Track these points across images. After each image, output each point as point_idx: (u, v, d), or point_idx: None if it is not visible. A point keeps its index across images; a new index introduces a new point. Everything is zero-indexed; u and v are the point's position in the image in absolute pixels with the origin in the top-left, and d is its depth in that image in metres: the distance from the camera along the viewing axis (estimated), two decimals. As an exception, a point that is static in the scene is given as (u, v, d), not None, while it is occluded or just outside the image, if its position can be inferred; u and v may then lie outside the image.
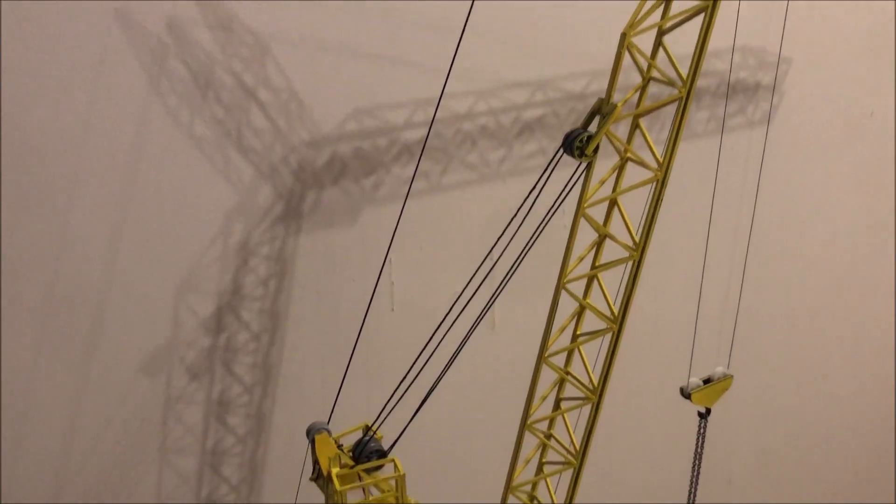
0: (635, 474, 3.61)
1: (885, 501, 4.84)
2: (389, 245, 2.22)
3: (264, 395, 2.76)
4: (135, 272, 2.44)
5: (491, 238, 1.95)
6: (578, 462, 1.91)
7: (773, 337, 3.70)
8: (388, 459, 1.71)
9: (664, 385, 2.48)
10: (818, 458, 4.39)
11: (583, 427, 1.92)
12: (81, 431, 2.53)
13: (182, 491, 2.74)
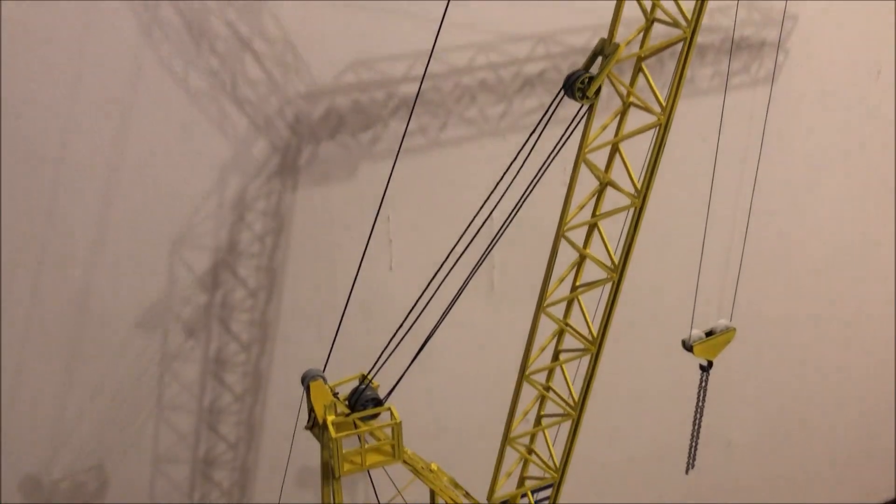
0: (635, 428, 3.59)
1: (885, 465, 4.84)
2: (381, 201, 2.17)
3: (262, 353, 2.73)
4: (128, 227, 2.41)
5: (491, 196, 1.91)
6: (577, 414, 1.89)
7: (774, 297, 3.67)
8: (385, 408, 1.69)
9: (665, 338, 2.45)
10: (818, 420, 4.38)
11: (581, 379, 1.90)
12: (77, 388, 2.51)
13: (179, 448, 2.73)
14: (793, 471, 4.45)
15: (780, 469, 4.40)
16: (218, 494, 2.86)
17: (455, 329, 3.04)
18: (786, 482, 4.47)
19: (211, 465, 2.81)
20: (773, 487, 4.45)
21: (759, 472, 4.34)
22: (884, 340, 4.27)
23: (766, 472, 4.37)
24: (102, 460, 2.63)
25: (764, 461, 4.31)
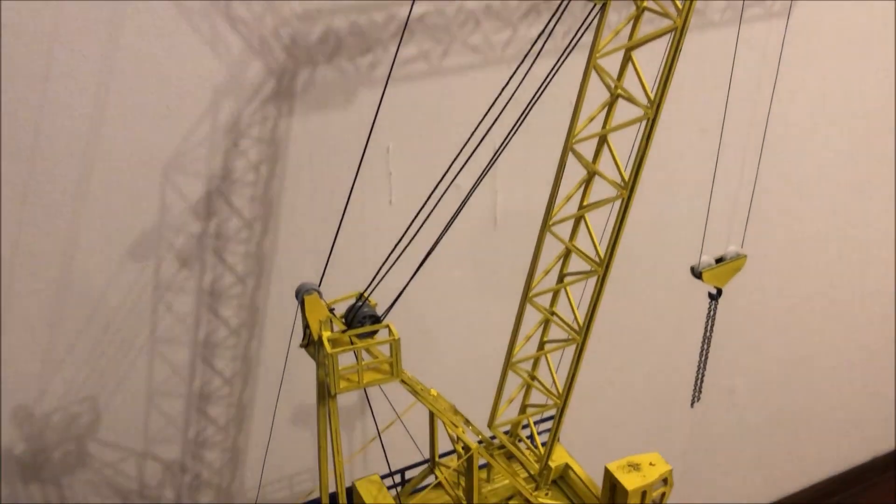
0: (641, 355, 3.55)
1: (886, 416, 4.82)
2: (371, 129, 2.08)
3: (258, 286, 2.67)
4: (119, 150, 2.32)
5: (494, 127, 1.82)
6: (582, 338, 1.83)
7: (782, 242, 3.61)
8: (383, 325, 1.62)
9: (674, 264, 2.39)
10: (820, 369, 4.35)
11: (587, 303, 1.83)
12: (68, 317, 2.45)
13: (174, 382, 2.67)
14: (795, 419, 4.44)
15: (782, 417, 4.38)
16: (214, 430, 2.82)
17: (455, 267, 2.99)
18: (787, 430, 4.46)
19: (206, 400, 2.76)
20: (774, 435, 4.43)
21: (761, 419, 4.32)
22: (888, 285, 4.22)
23: (769, 419, 4.35)
24: (95, 393, 2.58)
25: (766, 409, 4.29)
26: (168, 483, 2.83)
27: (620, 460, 1.98)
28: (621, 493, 1.94)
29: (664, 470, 1.97)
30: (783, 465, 4.58)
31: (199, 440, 2.81)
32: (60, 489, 2.66)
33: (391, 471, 2.07)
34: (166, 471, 2.81)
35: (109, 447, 2.67)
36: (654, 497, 2.00)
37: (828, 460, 4.83)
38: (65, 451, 2.61)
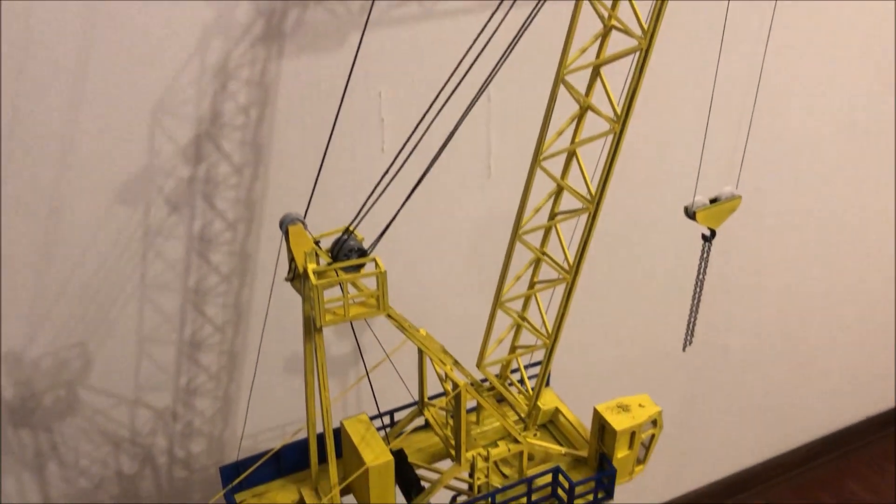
0: (632, 297, 3.53)
1: (884, 375, 4.83)
2: (351, 70, 2.03)
3: (248, 233, 2.64)
4: (106, 92, 2.28)
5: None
6: (572, 277, 1.81)
7: (778, 193, 3.59)
8: (369, 258, 1.60)
9: (667, 206, 2.37)
10: (816, 328, 4.35)
11: (577, 242, 1.81)
12: (56, 261, 2.43)
13: (165, 329, 2.66)
14: (789, 377, 4.44)
15: (777, 375, 4.38)
16: (205, 378, 2.81)
17: (447, 215, 2.97)
18: (782, 389, 4.47)
19: (198, 348, 2.75)
20: (769, 394, 4.44)
21: (755, 377, 4.32)
22: (887, 238, 4.20)
23: (763, 378, 4.36)
24: (85, 339, 2.56)
25: (760, 368, 4.29)
26: (160, 431, 2.83)
27: (610, 402, 1.97)
28: (610, 433, 1.93)
29: (653, 411, 1.97)
30: (777, 424, 4.60)
31: (191, 388, 2.80)
32: (51, 435, 2.66)
33: (380, 412, 2.07)
34: (158, 419, 2.80)
35: (100, 394, 2.66)
36: (643, 439, 1.99)
37: (822, 420, 4.85)
38: (55, 396, 2.60)
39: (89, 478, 2.79)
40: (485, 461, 1.92)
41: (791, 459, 4.77)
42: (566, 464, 2.06)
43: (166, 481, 2.92)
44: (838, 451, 4.94)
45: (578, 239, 1.79)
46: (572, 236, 1.84)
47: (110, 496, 2.85)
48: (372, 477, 1.80)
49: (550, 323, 1.90)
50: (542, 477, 1.95)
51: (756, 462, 4.67)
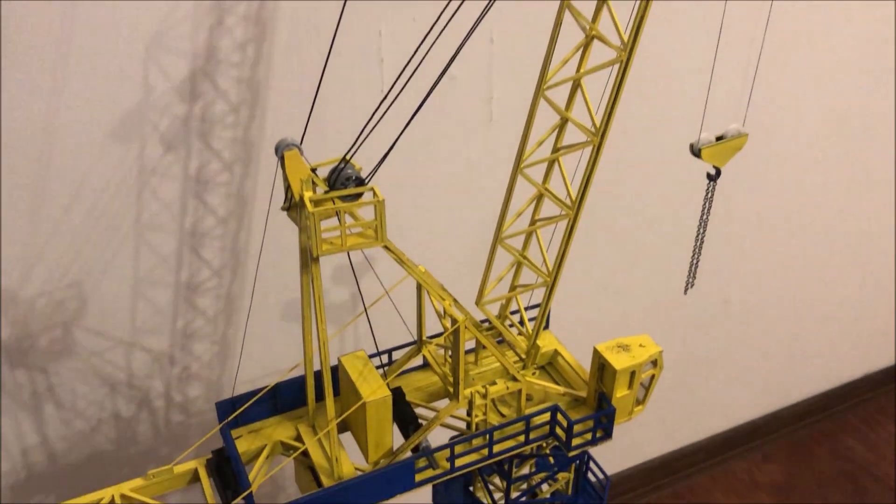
0: (634, 243, 3.50)
1: (884, 330, 4.82)
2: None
3: (245, 174, 2.60)
4: (99, 26, 2.22)
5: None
6: (574, 213, 1.77)
7: (782, 139, 3.54)
8: (367, 187, 1.56)
9: (672, 148, 2.32)
10: (817, 281, 4.32)
11: (581, 178, 1.77)
12: (49, 199, 2.39)
13: (161, 272, 2.63)
14: (789, 333, 4.43)
15: (777, 330, 4.37)
16: (202, 322, 2.79)
17: (448, 160, 2.92)
18: (782, 344, 4.46)
19: (195, 292, 2.72)
20: (768, 349, 4.43)
21: (755, 332, 4.31)
22: (888, 192, 4.16)
23: (762, 331, 4.35)
24: (80, 279, 2.54)
25: (760, 321, 4.28)
26: (156, 374, 2.82)
27: (610, 341, 1.95)
28: (609, 373, 1.91)
29: (654, 351, 1.94)
30: (776, 379, 4.60)
31: (188, 332, 2.78)
32: (47, 376, 2.65)
33: (378, 351, 2.04)
34: (154, 362, 2.79)
35: (96, 335, 2.64)
36: (642, 379, 1.97)
37: (821, 376, 4.85)
38: (51, 337, 2.58)
39: (86, 420, 2.78)
40: (483, 398, 1.90)
41: (789, 414, 4.78)
42: (565, 404, 2.05)
43: (164, 425, 2.92)
44: (836, 407, 4.96)
45: (581, 174, 1.75)
46: (575, 171, 1.80)
47: (107, 439, 2.85)
48: (369, 412, 1.78)
49: (551, 261, 1.87)
50: (541, 415, 1.94)
51: (754, 417, 4.69)
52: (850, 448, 4.81)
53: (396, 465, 1.80)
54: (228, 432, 1.89)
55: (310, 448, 1.87)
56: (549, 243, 1.92)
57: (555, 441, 2.03)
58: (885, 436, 4.88)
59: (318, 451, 1.88)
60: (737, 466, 4.67)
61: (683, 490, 4.52)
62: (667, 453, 4.44)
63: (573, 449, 1.92)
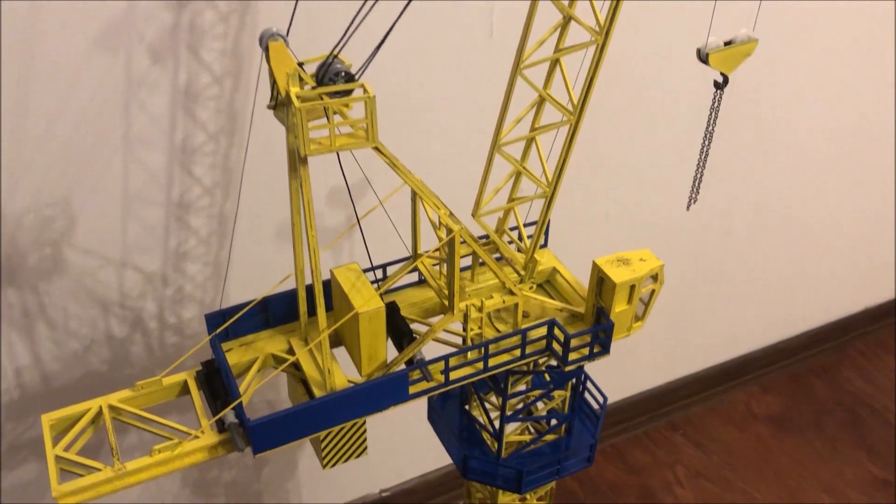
0: (635, 145, 3.42)
1: (885, 265, 4.78)
2: None
3: (235, 89, 2.51)
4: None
5: None
6: (576, 118, 1.70)
7: (788, 57, 3.43)
8: (357, 84, 1.49)
9: (678, 47, 2.24)
10: (820, 212, 4.27)
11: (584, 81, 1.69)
12: (34, 113, 2.31)
13: (151, 189, 2.57)
14: (791, 265, 4.39)
15: (779, 262, 4.33)
16: (195, 242, 2.74)
17: (447, 76, 2.83)
18: (783, 276, 4.42)
19: (186, 211, 2.66)
20: (769, 280, 4.40)
21: (757, 263, 4.27)
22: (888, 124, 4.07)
23: (764, 264, 4.30)
24: (68, 195, 2.47)
25: (762, 252, 4.23)
26: (149, 295, 2.78)
27: (610, 255, 1.90)
28: (608, 287, 1.86)
29: (655, 265, 1.89)
30: (776, 311, 4.58)
31: (181, 252, 2.73)
32: (38, 296, 2.61)
33: (372, 265, 1.99)
34: (147, 282, 2.75)
35: (86, 254, 2.59)
36: (642, 294, 1.93)
37: (821, 309, 4.83)
38: (40, 255, 2.53)
39: (79, 340, 2.75)
40: (478, 311, 1.86)
41: (789, 347, 4.77)
42: (562, 320, 2.01)
43: (158, 346, 2.89)
44: (836, 341, 4.95)
45: (584, 76, 1.68)
46: (578, 74, 1.72)
47: (101, 360, 2.83)
48: (362, 323, 1.74)
49: (551, 171, 1.81)
50: (537, 329, 1.90)
51: (753, 349, 4.68)
52: (849, 381, 4.81)
53: (390, 376, 1.77)
54: (218, 344, 1.85)
55: (301, 360, 1.84)
56: (548, 153, 1.85)
57: (551, 357, 2.00)
58: (884, 369, 4.88)
59: (310, 363, 1.85)
60: (734, 398, 4.68)
61: (680, 420, 4.54)
62: (664, 384, 4.45)
63: (570, 364, 1.88)
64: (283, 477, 3.59)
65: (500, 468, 2.09)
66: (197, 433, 1.67)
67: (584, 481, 4.15)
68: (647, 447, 4.37)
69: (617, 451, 4.35)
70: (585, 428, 2.23)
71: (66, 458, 1.60)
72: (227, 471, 3.42)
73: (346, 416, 1.73)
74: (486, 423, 2.16)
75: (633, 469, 4.25)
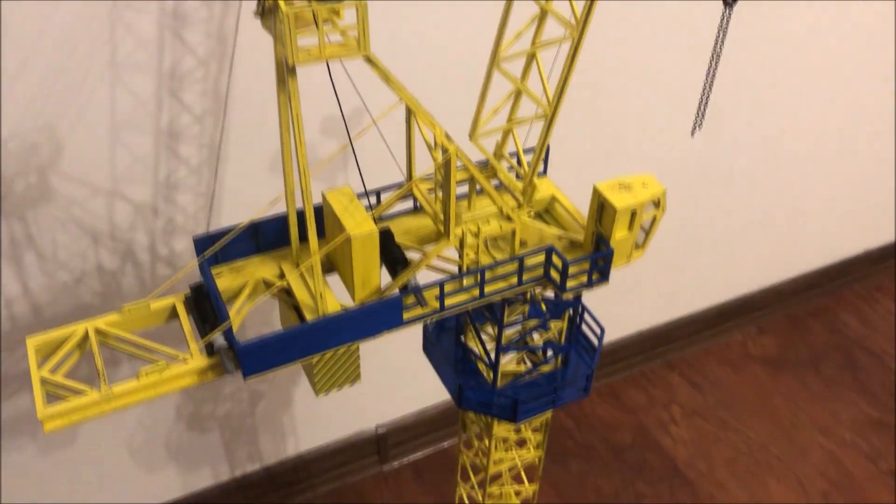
0: (639, 69, 3.34)
1: (884, 208, 4.73)
2: None
3: (226, 11, 2.42)
4: None
5: None
6: (579, 32, 1.62)
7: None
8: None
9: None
10: (822, 154, 4.20)
11: None
12: (12, 35, 2.22)
13: (139, 116, 2.50)
14: (791, 205, 4.34)
15: (779, 202, 4.28)
16: (186, 172, 2.68)
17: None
18: (784, 216, 4.37)
19: (176, 139, 2.59)
20: (769, 221, 4.35)
21: (757, 203, 4.22)
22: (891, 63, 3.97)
23: (765, 204, 4.25)
24: (54, 121, 2.40)
25: (763, 192, 4.17)
26: (140, 226, 2.73)
27: (611, 180, 1.84)
28: (609, 212, 1.81)
29: (657, 191, 1.84)
30: (775, 252, 4.54)
31: (171, 182, 2.67)
32: (26, 225, 2.56)
33: (366, 190, 1.94)
34: (137, 213, 2.69)
35: (74, 182, 2.53)
36: (643, 221, 1.87)
37: (820, 251, 4.79)
38: (26, 183, 2.47)
39: (69, 271, 2.71)
40: (475, 237, 1.81)
41: (787, 289, 4.75)
42: (561, 248, 1.96)
43: (149, 279, 2.85)
44: (834, 283, 4.92)
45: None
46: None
47: (92, 292, 2.79)
48: (355, 247, 1.69)
49: (552, 91, 1.74)
50: (535, 256, 1.85)
51: (751, 290, 4.65)
52: (846, 323, 4.80)
53: (384, 301, 1.73)
54: (207, 267, 1.80)
55: (293, 285, 1.79)
56: (549, 72, 1.78)
57: (548, 287, 1.96)
58: (882, 312, 4.86)
59: (302, 289, 1.80)
60: (731, 339, 4.68)
61: (676, 360, 4.54)
62: (661, 324, 4.43)
63: (567, 291, 1.84)
64: (279, 412, 3.59)
65: (496, 397, 2.07)
66: (185, 357, 1.63)
67: (580, 419, 4.17)
68: (642, 387, 4.38)
69: (612, 391, 4.35)
70: (582, 360, 2.20)
71: (52, 380, 1.56)
72: (221, 405, 3.41)
73: (338, 340, 1.70)
74: (482, 353, 2.13)
75: (629, 408, 4.26)
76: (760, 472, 3.96)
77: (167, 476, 3.54)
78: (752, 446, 4.08)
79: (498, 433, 2.31)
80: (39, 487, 3.24)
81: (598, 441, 4.08)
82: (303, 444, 3.78)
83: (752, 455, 4.04)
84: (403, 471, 3.97)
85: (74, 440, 3.20)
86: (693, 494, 3.84)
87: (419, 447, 4.07)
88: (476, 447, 2.48)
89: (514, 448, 2.46)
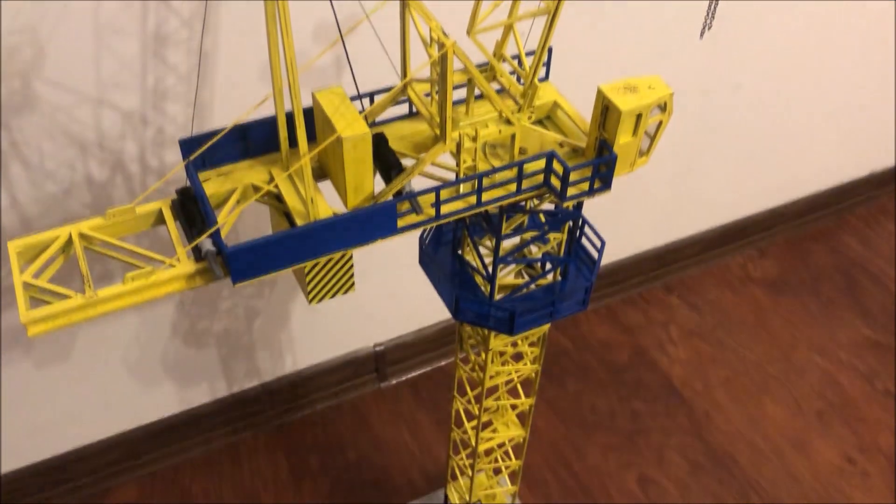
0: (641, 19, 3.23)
1: (887, 130, 4.63)
2: None
3: None
4: None
5: None
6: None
7: None
8: None
9: None
10: (826, 74, 4.08)
11: None
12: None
13: (124, 18, 2.39)
14: (796, 126, 4.24)
15: (784, 123, 4.18)
16: (175, 80, 2.58)
17: None
18: (788, 137, 4.28)
19: (164, 44, 2.49)
20: (774, 142, 4.26)
21: (762, 123, 4.12)
22: None
23: (770, 124, 4.15)
24: (34, 23, 2.30)
25: (769, 111, 4.08)
26: (129, 136, 2.65)
27: (616, 81, 1.76)
28: (613, 116, 1.74)
29: (664, 93, 1.75)
30: (778, 174, 4.47)
31: (160, 90, 2.58)
32: (10, 132, 2.48)
33: (359, 93, 1.85)
34: (126, 122, 2.61)
35: (59, 88, 2.44)
36: (648, 126, 1.80)
37: (823, 173, 4.72)
38: (9, 89, 2.38)
39: (58, 183, 2.64)
40: (472, 141, 1.74)
41: (789, 211, 4.69)
42: (563, 154, 1.89)
43: (140, 190, 2.78)
44: (836, 206, 4.87)
45: None
46: None
47: (82, 204, 2.73)
48: (346, 149, 1.62)
49: None
50: (535, 162, 1.78)
51: (753, 212, 4.60)
52: (847, 245, 4.76)
53: (377, 206, 1.67)
54: (194, 171, 1.74)
55: (284, 191, 1.73)
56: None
57: (549, 197, 1.89)
58: (884, 234, 4.82)
59: (293, 195, 1.74)
60: (731, 261, 4.64)
61: (675, 282, 4.51)
62: (661, 245, 4.39)
63: (568, 199, 1.78)
64: (276, 329, 3.58)
65: (493, 309, 2.03)
66: (172, 261, 1.58)
67: (577, 338, 4.16)
68: (641, 308, 4.37)
69: (610, 312, 4.34)
70: (581, 273, 2.16)
71: (35, 284, 1.51)
72: (217, 321, 3.39)
73: (330, 247, 1.64)
74: (480, 266, 2.08)
75: (626, 328, 4.25)
76: (756, 391, 3.98)
77: (164, 392, 3.55)
78: (748, 366, 4.09)
79: (495, 346, 2.29)
80: (37, 404, 3.25)
81: (595, 360, 4.08)
82: (301, 361, 3.79)
83: (748, 375, 4.05)
84: (401, 388, 3.98)
85: (69, 356, 3.19)
86: (689, 413, 3.86)
87: (417, 365, 4.08)
88: (473, 361, 2.46)
89: (510, 362, 2.44)
